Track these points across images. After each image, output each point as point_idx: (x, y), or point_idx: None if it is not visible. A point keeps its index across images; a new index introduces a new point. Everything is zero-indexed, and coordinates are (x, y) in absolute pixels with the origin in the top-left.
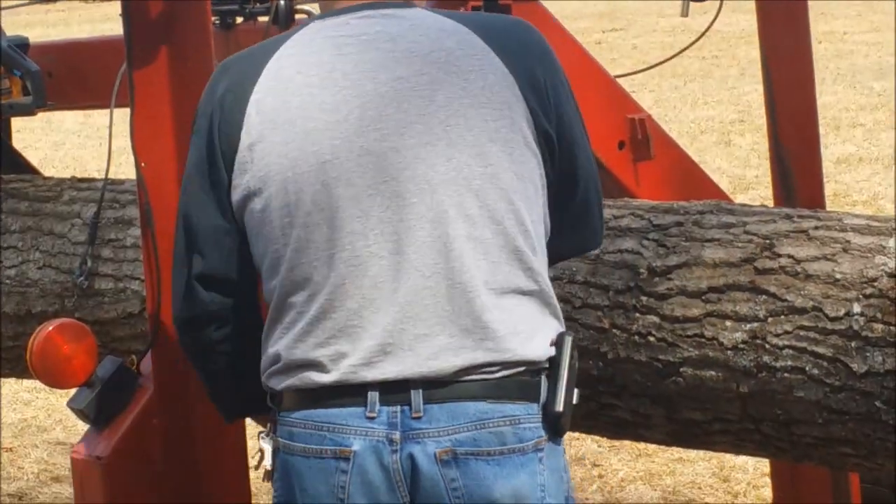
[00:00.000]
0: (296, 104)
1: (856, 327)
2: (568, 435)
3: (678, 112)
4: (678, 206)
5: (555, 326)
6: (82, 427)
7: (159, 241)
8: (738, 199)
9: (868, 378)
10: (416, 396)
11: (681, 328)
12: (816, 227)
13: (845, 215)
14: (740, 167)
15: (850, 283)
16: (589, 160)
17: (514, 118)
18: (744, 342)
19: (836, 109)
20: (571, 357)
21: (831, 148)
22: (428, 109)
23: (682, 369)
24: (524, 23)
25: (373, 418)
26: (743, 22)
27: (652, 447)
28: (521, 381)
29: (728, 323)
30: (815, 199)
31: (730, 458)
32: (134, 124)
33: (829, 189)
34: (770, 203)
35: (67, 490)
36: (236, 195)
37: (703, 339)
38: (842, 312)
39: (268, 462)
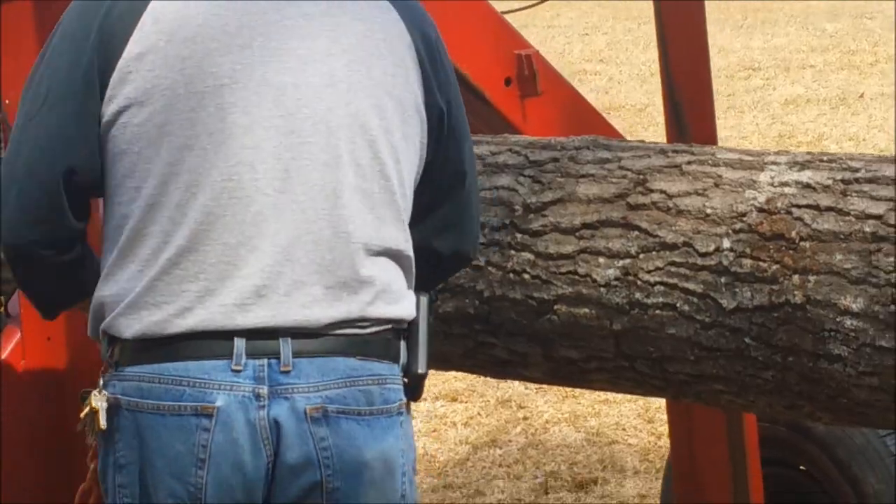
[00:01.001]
0: (198, 21)
1: (725, 263)
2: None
3: (629, 54)
4: (555, 142)
5: (412, 291)
6: None
7: None
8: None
9: (737, 314)
10: (286, 348)
11: (555, 265)
12: (689, 162)
13: (719, 149)
14: None
15: (721, 218)
16: (473, 157)
17: (408, 78)
18: (616, 279)
19: (788, 51)
20: (428, 319)
21: (780, 90)
22: (332, 50)
23: (556, 307)
24: None
25: (238, 371)
26: None
27: (579, 389)
28: (386, 339)
29: (601, 259)
30: (707, 135)
31: (655, 400)
32: None
33: (774, 130)
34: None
35: None
36: (111, 107)
37: (576, 277)
38: (712, 248)
39: (103, 421)
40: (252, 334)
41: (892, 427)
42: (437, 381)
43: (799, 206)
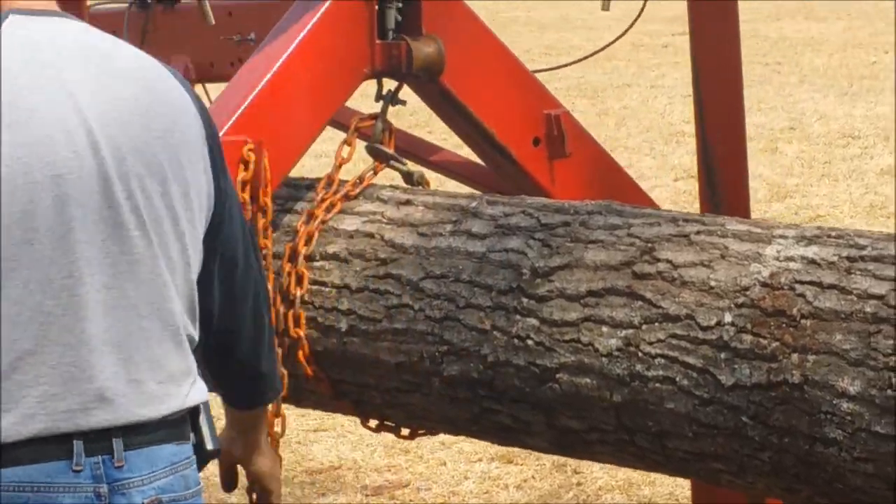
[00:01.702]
0: (27, 104)
1: (726, 338)
2: None
3: None
4: (568, 206)
5: None
6: None
7: None
8: (775, 207)
9: (735, 391)
10: (118, 444)
11: (558, 332)
12: (698, 232)
13: (730, 220)
14: (782, 175)
15: (724, 291)
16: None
17: (204, 166)
18: (618, 349)
19: (889, 120)
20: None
21: (877, 159)
22: (146, 138)
23: (558, 375)
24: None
25: (79, 472)
26: (813, 29)
27: None
28: (185, 420)
29: (604, 328)
30: (741, 205)
31: None
32: None
33: (866, 200)
34: (805, 213)
35: None
36: None
37: (579, 345)
38: (713, 322)
39: None
40: (88, 435)
41: None
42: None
43: (802, 283)
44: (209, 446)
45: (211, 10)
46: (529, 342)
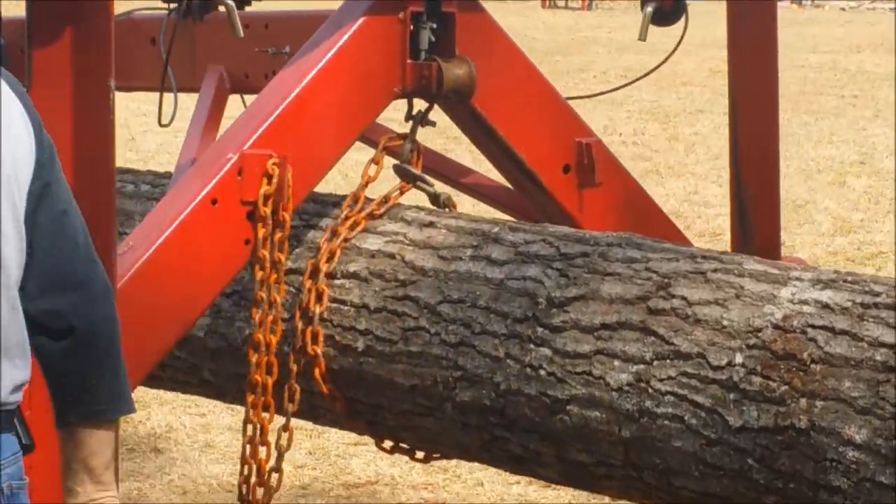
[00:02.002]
0: None
1: (735, 378)
2: None
3: (800, 148)
4: (589, 237)
5: None
6: None
7: None
8: (838, 241)
9: (742, 433)
10: None
11: (571, 364)
12: (715, 270)
13: (748, 259)
14: (848, 209)
15: (736, 331)
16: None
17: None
18: (629, 384)
19: None
20: None
21: None
22: None
23: (569, 407)
24: None
25: None
26: (893, 63)
27: None
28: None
29: (616, 363)
30: (771, 243)
31: None
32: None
33: None
34: (868, 249)
35: None
36: None
37: (590, 378)
38: (724, 362)
39: None
40: None
41: None
42: None
43: (814, 327)
44: (25, 440)
45: (247, 21)
46: (542, 372)
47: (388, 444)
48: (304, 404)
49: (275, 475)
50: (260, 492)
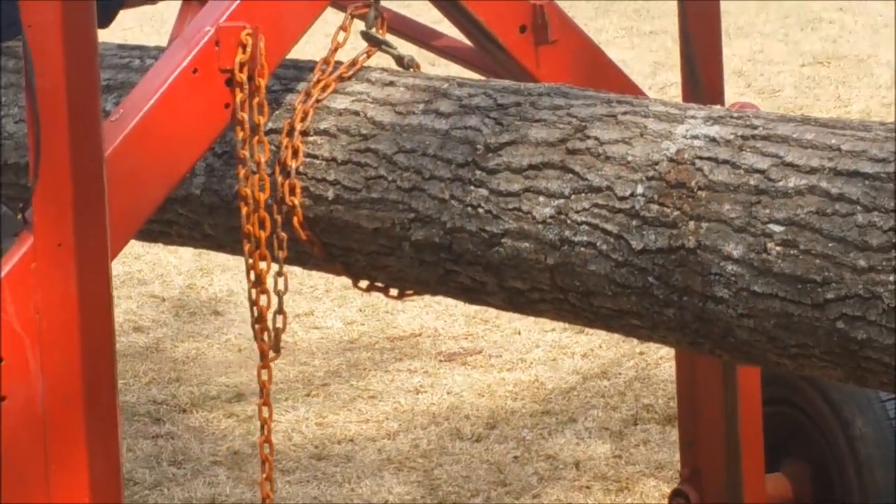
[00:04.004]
0: None
1: (637, 207)
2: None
3: (868, 4)
4: (524, 88)
5: None
6: (181, 283)
7: (40, 98)
8: (893, 93)
9: (643, 255)
10: None
11: (504, 201)
12: (625, 112)
13: (654, 102)
14: None
15: (638, 165)
16: None
17: None
18: (551, 217)
19: None
20: None
21: None
22: None
23: (503, 240)
24: None
25: None
26: None
27: None
28: None
29: (541, 198)
30: (716, 90)
31: None
32: None
33: None
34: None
35: (143, 339)
36: None
37: (520, 213)
38: (628, 193)
39: None
40: None
41: (770, 366)
42: None
43: (702, 158)
44: None
45: None
46: (480, 210)
47: (363, 283)
48: (291, 251)
49: (279, 317)
50: (265, 335)
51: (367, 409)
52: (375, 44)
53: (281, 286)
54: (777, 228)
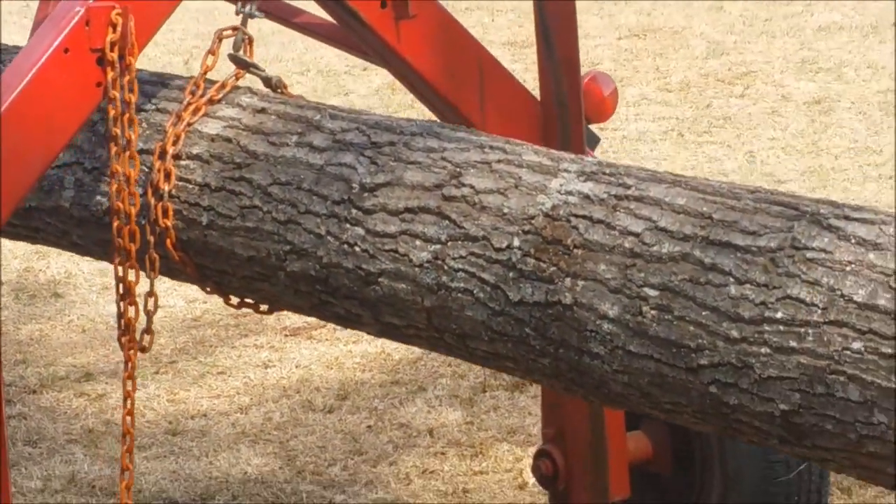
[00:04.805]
0: None
1: (514, 259)
2: None
3: None
4: (396, 125)
5: None
6: (17, 266)
7: None
8: (710, 63)
9: (520, 306)
10: None
11: (380, 242)
12: (499, 161)
13: (527, 150)
14: (722, 33)
15: (514, 218)
16: None
17: None
18: (428, 261)
19: None
20: None
21: (816, 16)
22: None
23: (380, 279)
24: None
25: None
26: None
27: None
28: None
29: (417, 242)
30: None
31: None
32: None
33: (798, 56)
34: (738, 69)
35: None
36: None
37: (397, 255)
38: (504, 244)
39: None
40: None
41: (645, 413)
42: None
43: (577, 216)
44: None
45: None
46: (357, 249)
47: (234, 300)
48: (162, 267)
49: (146, 336)
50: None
51: (217, 385)
52: (244, 66)
53: (151, 305)
54: (652, 292)
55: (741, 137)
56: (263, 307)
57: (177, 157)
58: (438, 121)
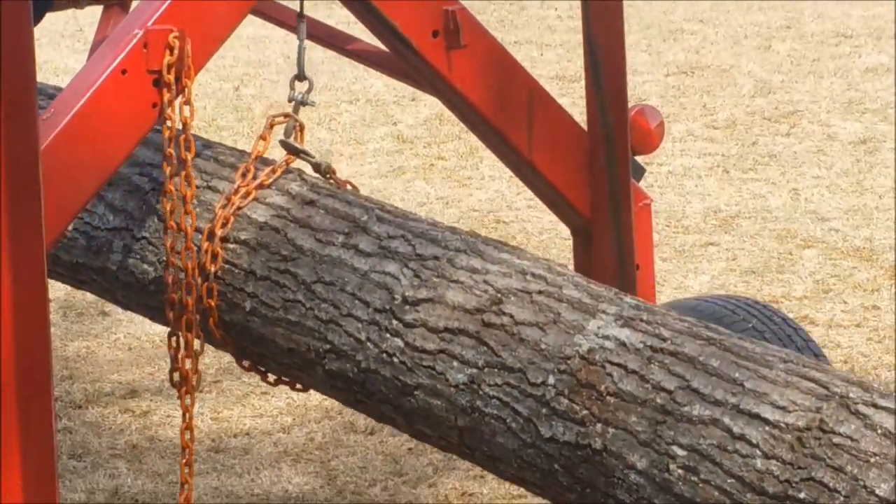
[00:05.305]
0: None
1: (548, 397)
2: None
3: (729, 16)
4: (441, 237)
5: None
6: (65, 285)
7: None
8: (758, 102)
9: (551, 443)
10: None
11: (419, 357)
12: (540, 292)
13: (566, 284)
14: (770, 72)
15: (551, 355)
16: None
17: None
18: (464, 384)
19: (884, 20)
20: None
21: (864, 58)
22: None
23: (416, 392)
24: None
25: None
26: None
27: None
28: None
29: (455, 363)
30: (619, 89)
31: None
32: None
33: (845, 97)
34: (785, 108)
35: None
36: None
37: (434, 372)
38: (539, 380)
39: None
40: None
41: None
42: None
43: (612, 363)
44: None
45: None
46: (395, 360)
47: (272, 378)
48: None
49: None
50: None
51: (260, 405)
52: (294, 153)
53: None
54: (680, 452)
55: (786, 175)
56: (299, 385)
57: (224, 239)
58: (481, 236)
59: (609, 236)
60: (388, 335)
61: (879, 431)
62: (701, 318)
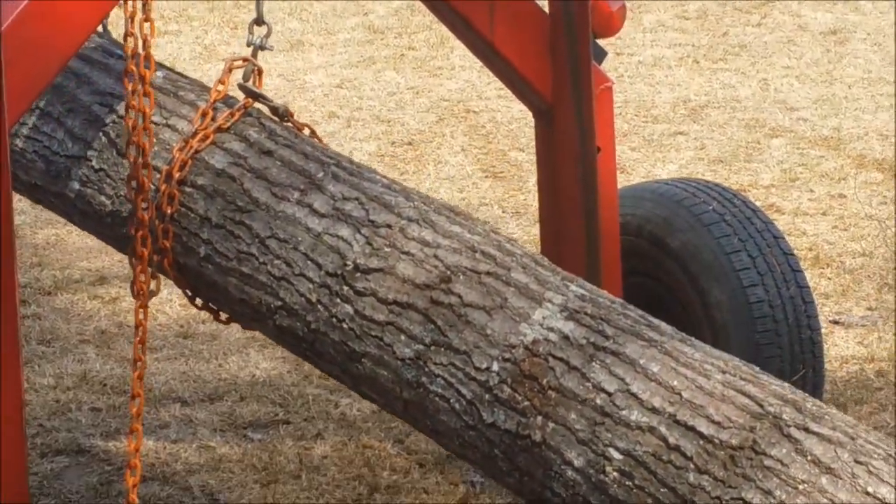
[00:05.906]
0: None
1: (491, 383)
2: None
3: None
4: (395, 203)
5: None
6: None
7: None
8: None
9: (492, 429)
10: None
11: (367, 326)
12: (488, 273)
13: (515, 266)
14: None
15: (496, 342)
16: None
17: None
18: (410, 358)
19: None
20: None
21: None
22: None
23: (363, 360)
24: None
25: None
26: None
27: None
28: None
29: (402, 337)
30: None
31: None
32: None
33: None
34: None
35: None
36: None
37: (382, 343)
38: (484, 366)
39: None
40: None
41: None
42: None
43: (555, 357)
44: None
45: None
46: (344, 325)
47: (224, 316)
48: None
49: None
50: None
51: None
52: (253, 96)
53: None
54: (616, 455)
55: (756, 65)
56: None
57: (181, 182)
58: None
59: (570, 119)
60: (338, 300)
61: (809, 458)
62: (663, 200)
